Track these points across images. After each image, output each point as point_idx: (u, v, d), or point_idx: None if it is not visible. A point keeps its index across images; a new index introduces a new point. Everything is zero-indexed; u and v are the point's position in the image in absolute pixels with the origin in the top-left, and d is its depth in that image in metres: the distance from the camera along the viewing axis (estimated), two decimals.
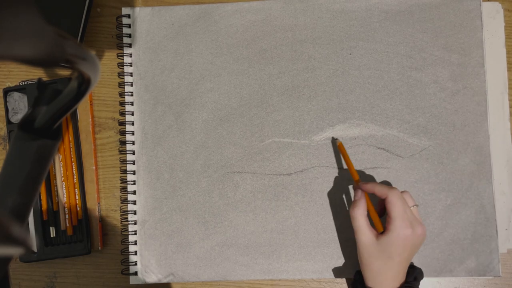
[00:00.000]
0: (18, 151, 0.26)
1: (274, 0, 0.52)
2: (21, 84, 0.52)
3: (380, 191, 0.42)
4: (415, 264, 0.48)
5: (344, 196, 0.50)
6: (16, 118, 0.53)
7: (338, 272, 0.50)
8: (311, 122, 0.51)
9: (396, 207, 0.40)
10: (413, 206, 0.43)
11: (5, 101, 0.52)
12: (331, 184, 0.50)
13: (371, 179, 0.50)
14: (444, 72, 0.50)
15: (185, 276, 0.51)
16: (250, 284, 0.52)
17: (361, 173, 0.50)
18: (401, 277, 0.41)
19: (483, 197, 0.49)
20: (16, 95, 0.52)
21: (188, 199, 0.51)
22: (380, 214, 0.45)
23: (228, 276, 0.50)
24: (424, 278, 0.50)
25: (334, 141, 0.50)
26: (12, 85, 0.54)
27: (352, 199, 0.42)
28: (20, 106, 0.52)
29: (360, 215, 0.42)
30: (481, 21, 0.50)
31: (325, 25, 0.52)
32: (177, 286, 0.52)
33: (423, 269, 0.49)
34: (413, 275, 0.43)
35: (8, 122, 0.52)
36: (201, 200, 0.51)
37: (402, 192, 0.43)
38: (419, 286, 0.43)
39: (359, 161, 0.50)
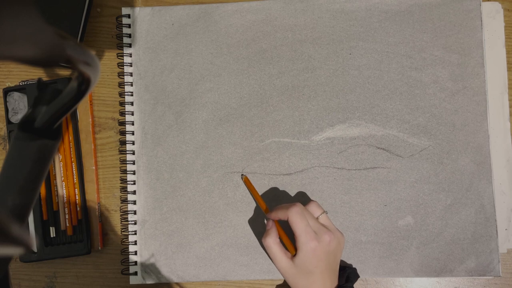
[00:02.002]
0: (18, 151, 0.26)
1: (274, 0, 0.52)
2: (21, 84, 0.52)
3: (282, 214, 0.42)
4: (411, 259, 0.48)
5: (344, 196, 0.50)
6: (16, 118, 0.53)
7: None
8: (311, 122, 0.51)
9: (296, 224, 0.40)
10: (321, 214, 0.43)
11: (5, 101, 0.52)
12: (331, 184, 0.50)
13: (371, 179, 0.50)
14: (444, 72, 0.50)
15: (185, 276, 0.51)
16: (250, 284, 0.52)
17: (360, 173, 0.50)
18: (329, 285, 0.42)
19: (483, 197, 0.49)
20: (16, 95, 0.52)
21: (188, 199, 0.51)
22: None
23: (228, 276, 0.50)
24: (424, 278, 0.50)
25: (241, 177, 0.50)
26: (12, 85, 0.54)
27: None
28: (20, 106, 0.52)
29: (272, 243, 0.42)
30: (481, 21, 0.50)
31: (325, 25, 0.52)
32: (177, 286, 0.52)
33: (423, 269, 0.49)
34: (344, 276, 0.44)
35: (8, 122, 0.52)
36: (201, 200, 0.51)
37: (308, 203, 0.44)
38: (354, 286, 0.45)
39: (359, 161, 0.50)
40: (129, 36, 0.53)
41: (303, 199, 0.51)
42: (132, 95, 0.53)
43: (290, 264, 0.41)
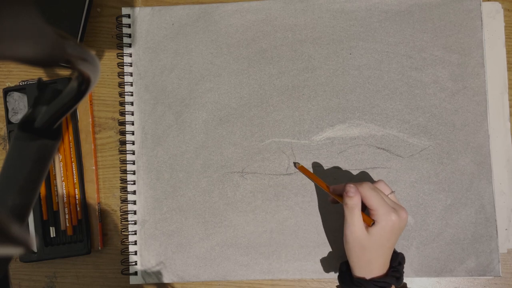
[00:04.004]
0: (18, 151, 0.26)
1: (274, 0, 0.52)
2: (21, 84, 0.52)
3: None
4: (411, 259, 0.48)
5: None
6: (16, 118, 0.53)
7: (338, 272, 0.50)
8: (311, 122, 0.51)
9: (372, 198, 0.40)
10: (390, 193, 0.43)
11: (5, 101, 0.52)
12: (331, 184, 0.50)
13: (371, 179, 0.50)
14: (444, 72, 0.50)
15: (185, 276, 0.51)
16: (250, 284, 0.52)
17: (361, 173, 0.50)
18: (387, 263, 0.42)
19: (483, 197, 0.49)
20: (16, 95, 0.52)
21: (188, 199, 0.51)
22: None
23: (228, 276, 0.50)
24: (424, 278, 0.50)
25: (295, 165, 0.50)
26: (12, 85, 0.54)
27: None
28: (20, 106, 0.52)
29: (357, 210, 0.41)
30: (481, 21, 0.50)
31: (325, 25, 0.52)
32: (177, 286, 0.52)
33: (423, 269, 0.49)
34: (397, 259, 0.44)
35: (8, 122, 0.52)
36: (201, 200, 0.51)
37: (376, 182, 0.44)
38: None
39: (359, 161, 0.50)
40: (129, 36, 0.53)
41: (312, 195, 0.50)
42: (132, 95, 0.53)
43: (364, 234, 0.41)
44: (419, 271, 0.49)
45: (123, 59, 0.53)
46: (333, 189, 0.45)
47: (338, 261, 0.50)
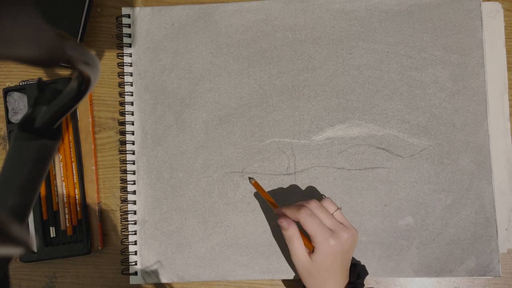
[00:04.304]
0: (18, 151, 0.26)
1: (274, 0, 0.52)
2: (21, 84, 0.52)
3: (291, 215, 0.42)
4: (411, 259, 0.48)
5: (344, 196, 0.50)
6: (16, 118, 0.53)
7: None
8: (311, 122, 0.51)
9: (309, 225, 0.40)
10: (335, 211, 0.43)
11: (5, 101, 0.52)
12: (331, 184, 0.50)
13: (371, 179, 0.50)
14: (444, 72, 0.50)
15: (185, 276, 0.51)
16: (250, 284, 0.52)
17: (360, 173, 0.50)
18: (342, 281, 0.42)
19: (483, 197, 0.49)
20: (16, 95, 0.52)
21: (188, 199, 0.51)
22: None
23: (228, 276, 0.50)
24: (424, 278, 0.50)
25: (250, 180, 0.50)
26: (12, 85, 0.54)
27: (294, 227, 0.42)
28: (20, 106, 0.52)
29: (294, 236, 0.42)
30: (481, 21, 0.50)
31: (325, 25, 0.52)
32: (177, 286, 0.52)
33: (423, 269, 0.49)
34: (355, 273, 0.44)
35: (8, 122, 0.52)
36: (201, 200, 0.51)
37: (322, 200, 0.44)
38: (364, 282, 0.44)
39: (359, 161, 0.50)
40: (129, 36, 0.53)
41: (312, 196, 0.50)
42: (132, 95, 0.53)
43: (308, 260, 0.42)
44: (419, 271, 0.49)
45: (123, 59, 0.53)
46: (280, 212, 0.44)
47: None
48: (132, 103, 0.53)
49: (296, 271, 0.44)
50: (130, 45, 0.53)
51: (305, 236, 0.43)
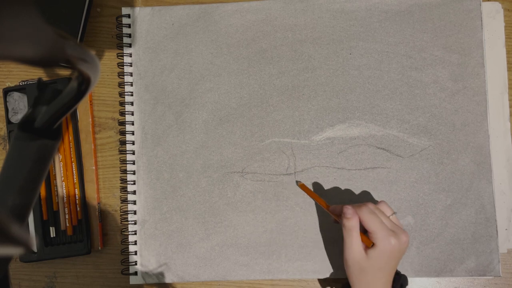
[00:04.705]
0: (18, 151, 0.26)
1: (274, 0, 0.52)
2: (21, 84, 0.52)
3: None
4: (411, 259, 0.48)
5: (344, 196, 0.50)
6: (16, 118, 0.53)
7: (338, 272, 0.50)
8: (311, 122, 0.51)
9: (371, 222, 0.40)
10: (391, 214, 0.43)
11: (5, 101, 0.52)
12: (331, 184, 0.50)
13: (371, 179, 0.50)
14: (444, 72, 0.50)
15: (185, 276, 0.51)
16: (250, 284, 0.52)
17: (360, 173, 0.50)
18: (389, 286, 0.42)
19: (483, 197, 0.49)
20: (16, 95, 0.52)
21: (188, 199, 0.51)
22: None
23: (228, 276, 0.50)
24: (424, 278, 0.50)
25: (297, 183, 0.50)
26: (12, 85, 0.54)
27: (344, 215, 0.42)
28: (20, 106, 0.52)
29: (355, 232, 0.41)
30: (481, 21, 0.50)
31: (325, 25, 0.52)
32: (177, 286, 0.52)
33: (423, 269, 0.49)
34: (399, 282, 0.43)
35: (8, 122, 0.52)
36: (201, 200, 0.51)
37: (378, 203, 0.44)
38: None
39: (359, 161, 0.50)
40: (129, 36, 0.53)
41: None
42: (132, 95, 0.53)
43: (363, 256, 0.41)
44: (419, 271, 0.49)
45: (123, 59, 0.53)
46: (332, 208, 0.45)
47: (338, 261, 0.50)
48: (132, 103, 0.53)
49: (345, 267, 0.43)
50: (130, 45, 0.53)
51: (362, 233, 0.42)
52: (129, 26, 0.53)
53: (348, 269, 0.42)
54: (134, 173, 0.52)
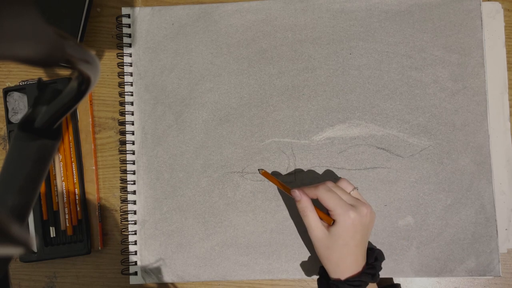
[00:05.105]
0: (18, 151, 0.26)
1: (274, 0, 0.52)
2: (21, 84, 0.52)
3: (310, 193, 0.42)
4: (411, 259, 0.48)
5: None
6: (16, 118, 0.53)
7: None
8: (311, 122, 0.51)
9: (329, 199, 0.41)
10: (352, 190, 0.43)
11: (5, 101, 0.52)
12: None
13: (371, 179, 0.50)
14: (444, 72, 0.50)
15: (185, 276, 0.51)
16: (250, 284, 0.52)
17: (360, 173, 0.50)
18: (361, 260, 0.42)
19: (483, 197, 0.49)
20: (16, 95, 0.52)
21: (188, 199, 0.51)
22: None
23: (228, 276, 0.50)
24: (424, 278, 0.50)
25: (259, 171, 0.50)
26: (12, 85, 0.54)
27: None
28: (20, 106, 0.52)
29: (309, 211, 0.42)
30: (481, 21, 0.50)
31: (325, 25, 0.52)
32: (177, 286, 0.52)
33: (423, 269, 0.49)
34: (373, 255, 0.43)
35: (8, 122, 0.52)
36: (201, 200, 0.51)
37: (338, 180, 0.44)
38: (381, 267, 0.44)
39: (359, 161, 0.50)
40: (129, 36, 0.53)
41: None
42: (132, 95, 0.53)
43: (325, 234, 0.41)
44: (419, 271, 0.49)
45: (123, 59, 0.53)
46: (293, 192, 0.44)
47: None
48: (132, 103, 0.53)
49: (315, 248, 0.43)
50: (130, 45, 0.53)
51: (323, 212, 0.42)
52: (129, 26, 0.53)
53: (316, 250, 0.43)
54: (134, 173, 0.52)
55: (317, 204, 0.43)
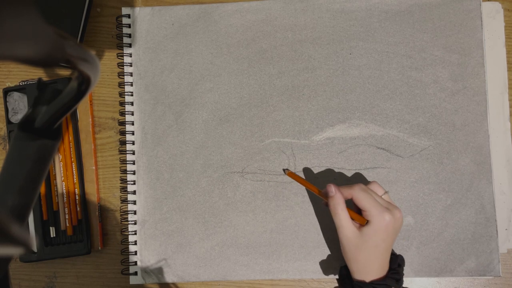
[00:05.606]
0: (18, 151, 0.26)
1: (274, 0, 0.52)
2: (21, 84, 0.52)
3: (344, 192, 0.42)
4: (411, 259, 0.48)
5: None
6: (16, 118, 0.53)
7: (338, 272, 0.50)
8: (311, 122, 0.51)
9: (364, 199, 0.40)
10: (383, 194, 0.43)
11: (5, 101, 0.52)
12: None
13: (371, 179, 0.50)
14: (444, 72, 0.50)
15: (185, 276, 0.51)
16: (250, 284, 0.52)
17: (360, 173, 0.50)
18: (386, 264, 0.42)
19: (483, 197, 0.49)
20: (16, 95, 0.52)
21: (188, 199, 0.51)
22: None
23: (228, 276, 0.50)
24: (424, 278, 0.50)
25: (284, 171, 0.50)
26: (12, 85, 0.54)
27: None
28: (20, 106, 0.52)
29: (341, 210, 0.41)
30: (481, 21, 0.50)
31: (325, 25, 0.52)
32: (177, 286, 0.52)
33: (423, 269, 0.49)
34: (397, 262, 0.43)
35: (8, 122, 0.52)
36: (201, 200, 0.51)
37: (369, 183, 0.44)
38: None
39: (359, 161, 0.50)
40: (129, 36, 0.53)
41: (313, 195, 0.50)
42: (132, 95, 0.53)
43: (356, 234, 0.41)
44: (419, 271, 0.49)
45: (123, 59, 0.53)
46: (324, 192, 0.44)
47: (338, 261, 0.50)
48: (132, 103, 0.53)
49: (341, 248, 0.42)
50: (130, 45, 0.53)
51: (355, 212, 0.42)
52: (129, 26, 0.53)
53: (343, 250, 0.42)
54: (134, 173, 0.52)
55: (347, 205, 0.42)
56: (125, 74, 0.53)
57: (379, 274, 0.41)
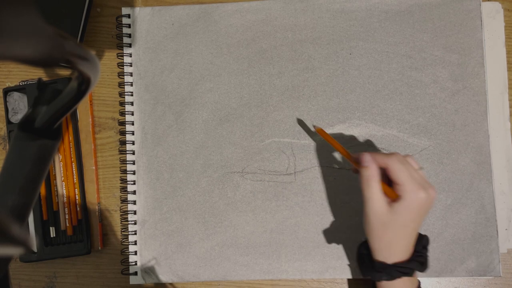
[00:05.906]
0: (18, 151, 0.26)
1: (274, 0, 0.52)
2: (21, 84, 0.52)
3: (380, 160, 0.38)
4: None
5: (344, 196, 0.50)
6: (16, 118, 0.53)
7: (338, 272, 0.50)
8: (311, 122, 0.51)
9: (400, 172, 0.36)
10: (419, 169, 0.39)
11: (5, 101, 0.52)
12: (331, 184, 0.50)
13: None
14: (444, 72, 0.50)
15: (185, 276, 0.51)
16: (250, 284, 0.52)
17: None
18: (411, 247, 0.39)
19: (483, 197, 0.49)
20: (16, 95, 0.52)
21: (188, 199, 0.51)
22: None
23: (228, 276, 0.50)
24: (424, 278, 0.50)
25: (314, 127, 0.46)
26: (12, 85, 0.54)
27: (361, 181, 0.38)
28: (20, 106, 0.52)
29: (375, 182, 0.37)
30: (481, 21, 0.50)
31: (325, 25, 0.52)
32: (177, 286, 0.52)
33: None
34: (421, 243, 0.40)
35: (8, 122, 0.52)
36: (201, 200, 0.51)
37: (405, 155, 0.39)
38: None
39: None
40: (129, 36, 0.53)
41: (312, 196, 0.50)
42: (132, 95, 0.53)
43: (386, 209, 0.37)
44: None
45: (123, 59, 0.53)
46: (354, 157, 0.41)
47: (337, 261, 0.50)
48: (132, 103, 0.53)
49: (365, 223, 0.38)
50: (130, 45, 0.53)
51: (387, 185, 0.38)
52: (129, 26, 0.53)
53: (368, 226, 0.38)
54: (134, 173, 0.52)
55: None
56: (125, 74, 0.53)
57: (403, 256, 0.38)
